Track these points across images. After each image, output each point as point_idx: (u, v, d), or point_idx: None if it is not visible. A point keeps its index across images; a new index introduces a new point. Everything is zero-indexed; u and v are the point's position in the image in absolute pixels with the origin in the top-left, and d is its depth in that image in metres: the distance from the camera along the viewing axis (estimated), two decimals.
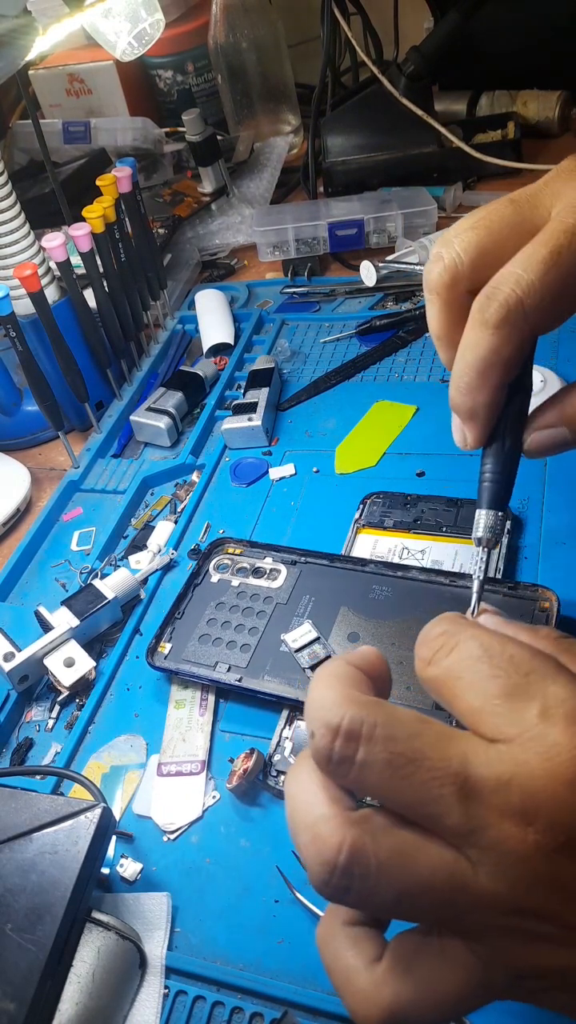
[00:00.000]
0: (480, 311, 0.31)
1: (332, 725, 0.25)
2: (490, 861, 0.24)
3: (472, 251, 0.32)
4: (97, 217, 0.70)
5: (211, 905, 0.44)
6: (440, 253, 0.33)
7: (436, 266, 0.33)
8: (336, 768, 0.25)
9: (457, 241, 0.32)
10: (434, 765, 0.24)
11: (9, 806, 0.42)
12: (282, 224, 0.88)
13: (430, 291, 0.34)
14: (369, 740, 0.24)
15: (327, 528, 0.61)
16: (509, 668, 0.26)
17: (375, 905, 0.25)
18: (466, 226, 0.33)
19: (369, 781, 0.25)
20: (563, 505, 0.57)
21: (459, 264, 0.32)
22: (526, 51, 0.99)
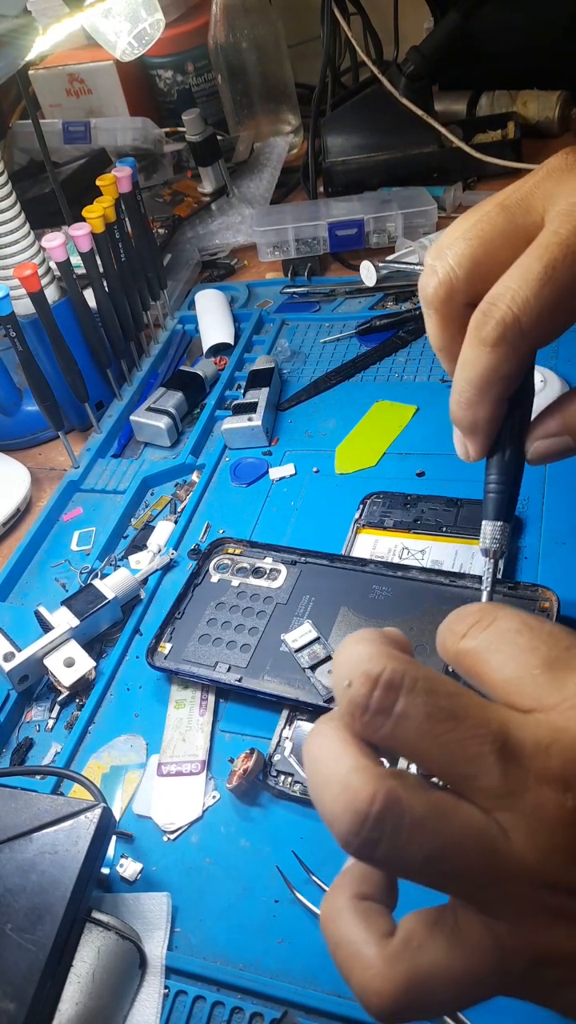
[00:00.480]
0: (477, 329, 0.31)
1: (372, 674, 0.24)
2: (524, 827, 0.23)
3: (466, 264, 0.32)
4: (97, 217, 0.70)
5: (211, 905, 0.44)
6: (435, 267, 0.33)
7: (431, 280, 0.33)
8: (371, 719, 0.24)
9: (451, 253, 0.32)
10: (475, 723, 0.23)
11: (9, 806, 0.42)
12: (282, 224, 0.88)
13: (427, 305, 0.34)
14: (410, 692, 0.24)
15: (327, 528, 0.61)
16: (550, 641, 0.25)
17: (402, 862, 0.23)
18: (458, 236, 0.32)
19: (405, 734, 0.24)
20: (563, 505, 0.57)
21: (454, 279, 0.32)
22: (526, 51, 0.99)
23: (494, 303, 0.31)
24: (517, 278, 0.30)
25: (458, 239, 0.32)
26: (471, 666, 0.26)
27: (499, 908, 0.24)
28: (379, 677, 0.24)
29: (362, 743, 0.25)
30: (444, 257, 0.32)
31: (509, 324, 0.30)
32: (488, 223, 0.32)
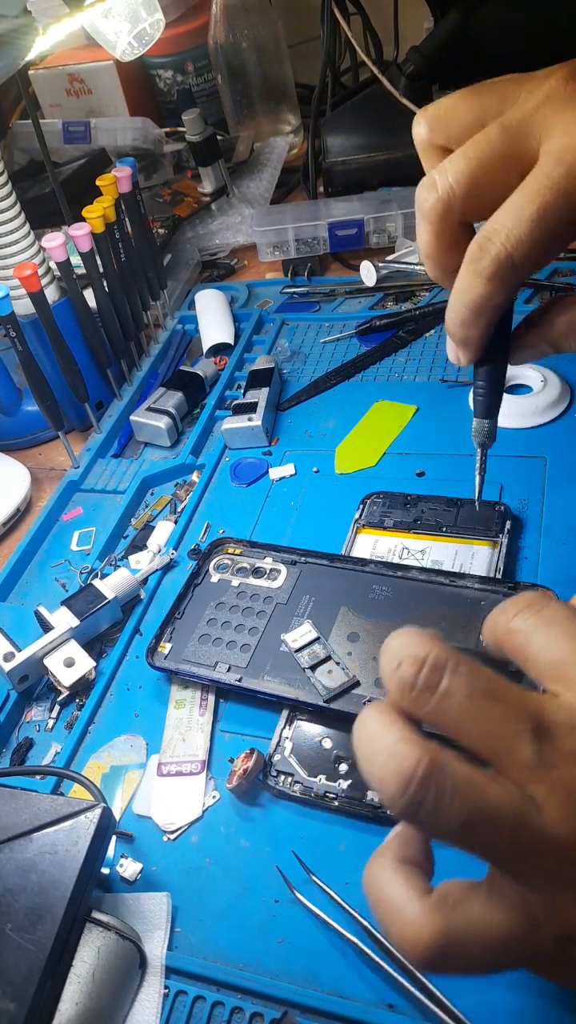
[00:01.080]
0: (474, 262, 0.34)
1: (420, 656, 0.27)
2: (556, 801, 0.25)
3: (465, 183, 0.34)
4: (97, 217, 0.70)
5: (211, 905, 0.44)
6: (435, 181, 0.35)
7: (430, 195, 0.35)
8: (419, 695, 0.27)
9: (451, 170, 0.34)
10: (513, 703, 0.26)
11: (9, 806, 0.42)
12: (282, 224, 0.88)
13: (423, 217, 0.36)
14: (454, 672, 0.26)
15: (327, 528, 0.61)
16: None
17: (442, 824, 0.26)
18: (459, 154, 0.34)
19: (448, 710, 0.26)
20: (563, 505, 0.57)
21: (452, 196, 0.34)
22: (526, 51, 0.98)
23: (490, 239, 0.33)
24: (512, 216, 0.33)
25: (459, 156, 0.34)
26: (518, 646, 0.29)
27: (532, 879, 0.26)
28: (426, 658, 0.27)
29: (408, 720, 0.27)
30: (444, 173, 0.34)
31: (503, 261, 0.33)
32: (487, 145, 0.34)
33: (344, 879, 0.43)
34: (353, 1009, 0.38)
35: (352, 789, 0.45)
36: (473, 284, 0.35)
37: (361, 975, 0.40)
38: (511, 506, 0.57)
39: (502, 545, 0.55)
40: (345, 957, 0.40)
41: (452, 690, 0.26)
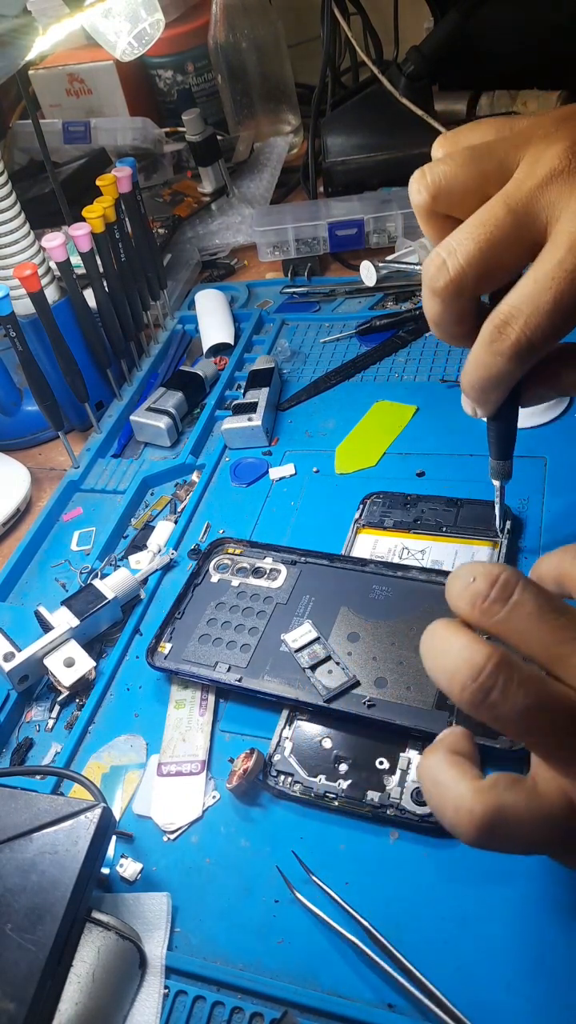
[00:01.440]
0: (492, 342, 0.36)
1: (494, 573, 0.30)
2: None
3: (476, 264, 0.35)
4: (97, 217, 0.70)
5: (211, 905, 0.44)
6: (444, 264, 0.35)
7: (441, 275, 0.36)
8: (490, 606, 0.30)
9: (461, 252, 0.35)
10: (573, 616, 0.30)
11: (9, 806, 0.42)
12: (282, 224, 0.88)
13: (434, 295, 0.37)
14: (524, 588, 0.30)
15: (327, 528, 0.61)
16: None
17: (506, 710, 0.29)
18: (468, 235, 0.35)
19: (517, 619, 0.30)
20: (563, 505, 0.57)
21: (464, 278, 0.35)
22: (526, 51, 0.98)
23: (508, 323, 0.35)
24: (529, 303, 0.34)
25: (467, 238, 0.35)
26: None
27: None
28: (499, 575, 0.30)
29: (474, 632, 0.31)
30: (455, 255, 0.35)
31: (523, 344, 0.35)
32: (496, 228, 0.34)
33: (344, 879, 0.43)
34: (353, 1009, 0.38)
35: (352, 789, 0.45)
36: (493, 362, 0.36)
37: (361, 975, 0.40)
38: (511, 506, 0.57)
39: (502, 545, 0.55)
40: (345, 957, 0.40)
41: (522, 602, 0.30)
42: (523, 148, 0.35)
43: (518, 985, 0.38)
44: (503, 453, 0.48)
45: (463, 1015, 0.37)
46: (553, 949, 0.38)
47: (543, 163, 0.34)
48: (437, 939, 0.40)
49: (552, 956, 0.38)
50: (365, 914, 0.41)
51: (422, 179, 0.37)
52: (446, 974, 0.38)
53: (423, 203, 0.37)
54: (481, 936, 0.40)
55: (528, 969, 0.38)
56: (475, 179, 0.36)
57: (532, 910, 0.40)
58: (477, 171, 0.36)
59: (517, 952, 0.39)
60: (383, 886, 0.42)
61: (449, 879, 0.42)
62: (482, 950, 0.39)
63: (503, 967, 0.38)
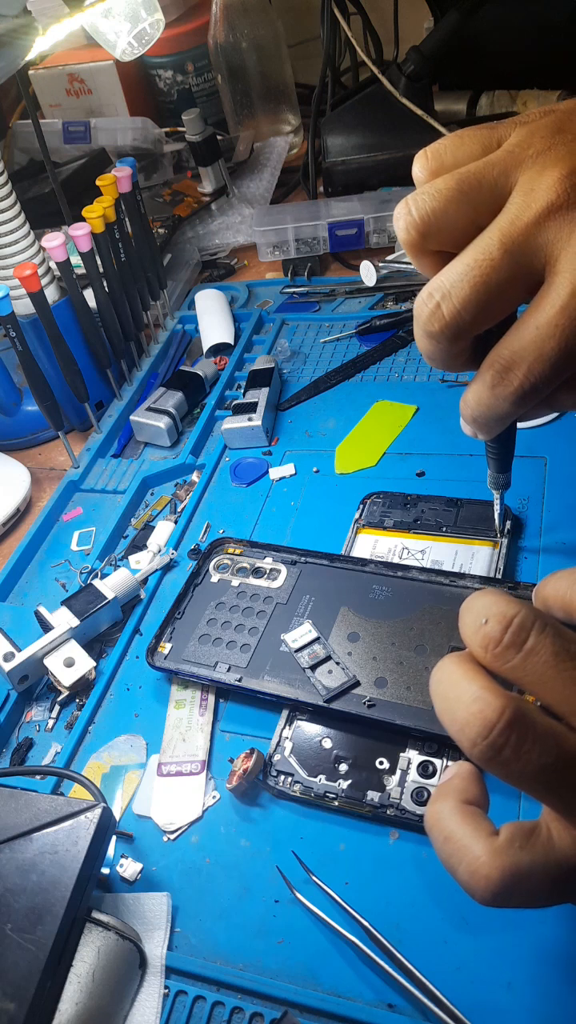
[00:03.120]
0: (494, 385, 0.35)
1: (508, 615, 0.28)
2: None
3: (472, 308, 0.33)
4: (97, 217, 0.70)
5: (211, 905, 0.44)
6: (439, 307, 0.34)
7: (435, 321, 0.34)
8: (503, 651, 0.28)
9: (456, 296, 0.33)
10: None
11: (9, 806, 0.42)
12: (282, 224, 0.88)
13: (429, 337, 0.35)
14: (540, 632, 0.28)
15: (327, 528, 0.61)
16: None
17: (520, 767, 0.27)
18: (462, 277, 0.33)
19: (532, 667, 0.28)
20: (563, 505, 0.57)
21: (460, 321, 0.33)
22: (526, 51, 0.99)
23: (510, 368, 0.34)
24: (532, 349, 0.33)
25: (462, 280, 0.33)
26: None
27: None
28: (514, 617, 0.28)
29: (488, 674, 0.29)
30: (450, 299, 0.33)
31: (527, 389, 0.34)
32: (492, 270, 0.32)
33: (344, 879, 0.43)
34: (353, 1009, 0.38)
35: (352, 789, 0.45)
36: (495, 404, 0.35)
37: (361, 975, 0.40)
38: (511, 506, 0.57)
39: (502, 545, 0.55)
40: (345, 957, 0.40)
41: (537, 648, 0.28)
42: (515, 172, 0.33)
43: (518, 985, 0.38)
44: (502, 468, 0.49)
45: (463, 1015, 0.37)
46: (553, 949, 0.38)
47: (538, 196, 0.32)
48: (437, 939, 0.40)
49: (552, 956, 0.38)
50: (365, 914, 0.41)
51: (408, 215, 0.34)
52: (446, 974, 0.38)
53: (412, 242, 0.35)
54: (481, 936, 0.40)
55: (528, 969, 0.38)
56: (466, 214, 0.34)
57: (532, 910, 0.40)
58: (467, 205, 0.33)
59: (517, 952, 0.39)
60: (383, 886, 0.42)
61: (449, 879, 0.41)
62: (482, 950, 0.39)
63: (503, 967, 0.38)
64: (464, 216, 0.33)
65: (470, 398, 0.37)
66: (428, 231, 0.34)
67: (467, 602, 0.30)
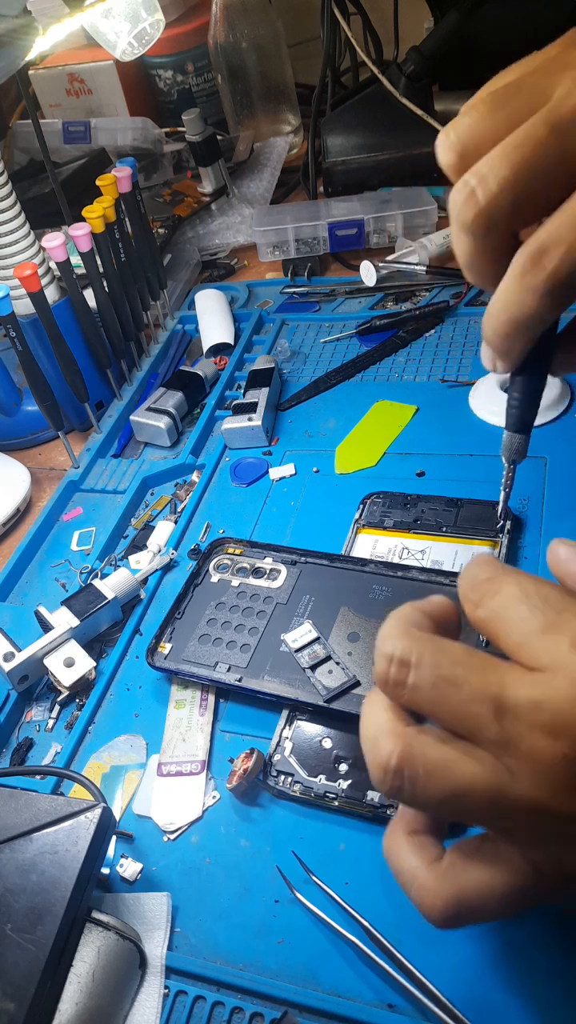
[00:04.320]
0: (525, 275, 0.30)
1: (387, 654, 0.29)
2: (526, 769, 0.27)
3: (511, 191, 0.29)
4: (97, 217, 0.70)
5: (211, 905, 0.44)
6: (475, 192, 0.30)
7: (470, 207, 0.30)
8: (392, 690, 0.29)
9: (494, 178, 0.29)
10: (473, 687, 0.28)
11: (9, 806, 0.42)
12: (282, 224, 0.88)
13: (462, 230, 0.31)
14: (417, 666, 0.29)
15: (327, 528, 0.61)
16: (544, 606, 0.29)
17: (423, 803, 0.29)
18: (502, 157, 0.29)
19: (419, 701, 0.29)
20: (563, 505, 0.57)
21: (497, 208, 0.30)
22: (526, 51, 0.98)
23: (546, 252, 0.30)
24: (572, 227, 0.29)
25: (502, 161, 0.29)
26: (486, 631, 0.30)
27: (523, 837, 0.29)
28: (392, 656, 0.29)
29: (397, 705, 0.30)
30: (487, 183, 0.30)
31: (561, 278, 0.30)
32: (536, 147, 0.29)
33: (344, 879, 0.43)
34: (353, 1009, 0.38)
35: (352, 789, 0.45)
36: (523, 299, 0.31)
37: (361, 975, 0.40)
38: (511, 506, 0.57)
39: (502, 545, 0.55)
40: (345, 957, 0.40)
41: (418, 683, 0.29)
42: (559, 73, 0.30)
43: (518, 985, 0.38)
44: (520, 422, 0.39)
45: (463, 1015, 0.37)
46: (553, 949, 0.38)
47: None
48: (437, 939, 0.40)
49: (552, 956, 0.38)
50: (365, 914, 0.41)
51: (446, 139, 0.31)
52: (446, 974, 0.38)
53: (451, 164, 0.31)
54: (481, 936, 0.40)
55: (528, 969, 0.38)
56: (505, 123, 0.30)
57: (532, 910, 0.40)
58: (506, 114, 0.30)
59: (517, 952, 0.39)
60: (383, 886, 0.42)
61: None
62: (482, 950, 0.39)
63: (503, 967, 0.38)
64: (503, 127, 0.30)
65: (494, 301, 0.32)
66: (466, 151, 0.31)
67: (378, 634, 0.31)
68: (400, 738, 0.29)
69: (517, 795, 0.27)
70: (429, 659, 0.29)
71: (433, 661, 0.29)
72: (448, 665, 0.28)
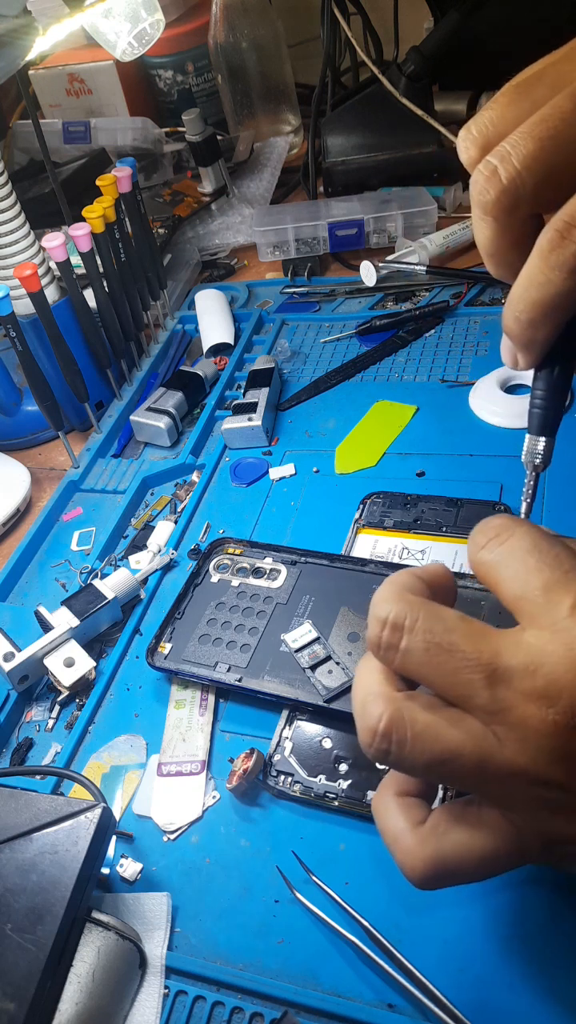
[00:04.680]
0: (552, 252, 0.28)
1: (380, 617, 0.29)
2: (514, 737, 0.27)
3: (536, 170, 0.27)
4: (97, 217, 0.70)
5: (211, 905, 0.44)
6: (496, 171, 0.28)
7: (492, 185, 0.28)
8: (384, 654, 0.29)
9: (516, 155, 0.27)
10: (466, 655, 0.28)
11: (9, 806, 0.42)
12: (282, 224, 0.88)
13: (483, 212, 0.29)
14: (411, 631, 0.28)
15: (327, 528, 0.61)
16: (553, 563, 0.28)
17: (409, 767, 0.29)
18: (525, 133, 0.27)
19: (410, 666, 0.29)
20: (563, 505, 0.57)
21: (521, 187, 0.28)
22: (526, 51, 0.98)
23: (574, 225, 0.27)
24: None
25: (525, 137, 0.27)
26: (486, 576, 0.30)
27: (508, 802, 0.29)
28: (386, 619, 0.29)
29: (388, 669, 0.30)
30: (508, 160, 0.28)
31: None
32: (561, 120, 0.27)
33: (344, 879, 0.43)
34: (353, 1009, 0.38)
35: (352, 789, 0.45)
36: (549, 279, 0.28)
37: (361, 975, 0.40)
38: (511, 506, 0.57)
39: None
40: (345, 957, 0.40)
41: (410, 647, 0.28)
42: None
43: (518, 985, 0.38)
44: (544, 425, 0.35)
45: (463, 1015, 0.37)
46: (553, 949, 0.38)
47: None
48: (437, 939, 0.40)
49: (552, 956, 0.38)
50: (365, 914, 0.41)
51: (467, 134, 0.30)
52: (446, 974, 0.38)
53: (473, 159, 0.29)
54: (481, 936, 0.40)
55: (528, 969, 0.38)
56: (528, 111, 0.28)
57: (532, 910, 0.40)
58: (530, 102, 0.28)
59: (517, 952, 0.39)
60: (383, 886, 0.42)
61: None
62: (482, 950, 0.39)
63: (503, 967, 0.38)
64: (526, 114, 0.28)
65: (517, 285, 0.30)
66: (488, 144, 0.29)
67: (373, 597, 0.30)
68: (390, 702, 0.29)
69: (504, 762, 0.27)
70: (423, 624, 0.28)
71: (426, 626, 0.28)
72: (441, 631, 0.28)
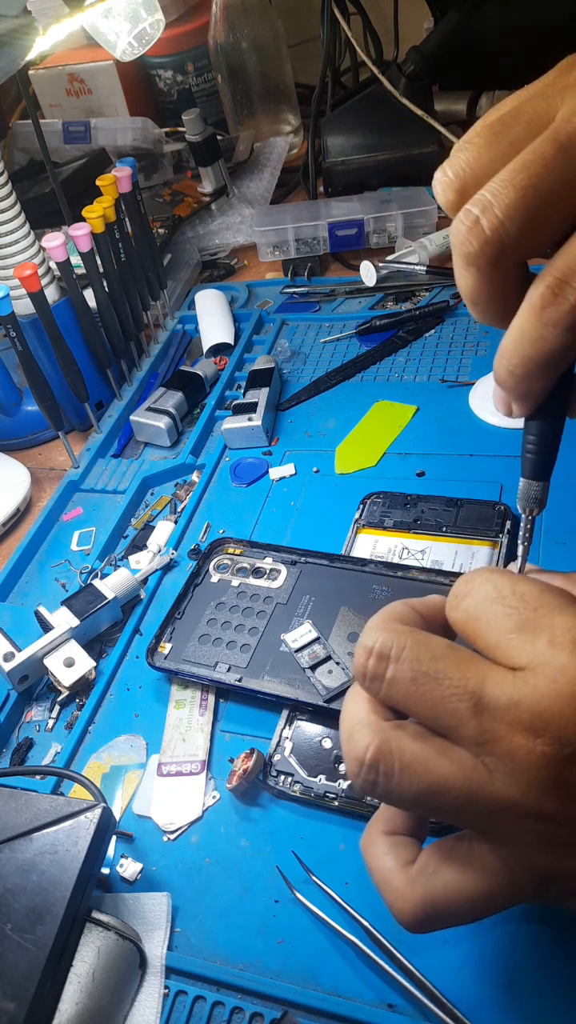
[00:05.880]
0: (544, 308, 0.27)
1: (367, 646, 0.29)
2: (503, 768, 0.27)
3: (520, 220, 0.27)
4: (97, 217, 0.70)
5: (211, 905, 0.44)
6: (478, 220, 0.27)
7: (475, 237, 0.27)
8: (370, 684, 0.29)
9: (499, 204, 0.27)
10: (452, 684, 0.27)
11: (9, 806, 0.42)
12: (282, 224, 0.88)
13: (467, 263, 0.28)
14: (397, 660, 0.28)
15: (327, 528, 0.61)
16: (519, 605, 0.28)
17: (397, 799, 0.28)
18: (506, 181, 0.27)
19: (397, 695, 0.28)
20: (563, 505, 0.57)
21: (504, 237, 0.27)
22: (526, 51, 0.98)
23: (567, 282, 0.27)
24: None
25: (506, 185, 0.27)
26: (464, 633, 0.30)
27: (500, 836, 0.28)
28: (372, 649, 0.29)
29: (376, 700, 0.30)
30: (490, 210, 0.27)
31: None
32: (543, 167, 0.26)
33: (344, 879, 0.43)
34: (353, 1009, 0.38)
35: (352, 789, 0.45)
36: (542, 335, 0.28)
37: (361, 975, 0.40)
38: (511, 505, 0.57)
39: (502, 545, 0.55)
40: (345, 957, 0.40)
41: (397, 677, 0.28)
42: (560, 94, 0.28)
43: (518, 985, 0.38)
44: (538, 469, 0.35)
45: (463, 1015, 0.37)
46: (553, 949, 0.38)
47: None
48: (437, 939, 0.40)
49: (552, 956, 0.38)
50: (365, 914, 0.41)
51: (443, 176, 0.29)
52: (446, 974, 0.38)
53: (452, 203, 0.29)
54: (481, 936, 0.40)
55: (529, 969, 0.38)
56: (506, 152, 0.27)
57: (532, 910, 0.40)
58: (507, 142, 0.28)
59: (517, 952, 0.39)
60: None
61: None
62: (482, 950, 0.39)
63: (503, 967, 0.38)
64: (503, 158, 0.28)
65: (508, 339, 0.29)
66: (465, 187, 0.28)
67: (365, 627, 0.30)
68: (377, 732, 0.28)
69: (494, 794, 0.27)
70: (409, 653, 0.28)
71: (413, 655, 0.28)
72: (428, 660, 0.28)
